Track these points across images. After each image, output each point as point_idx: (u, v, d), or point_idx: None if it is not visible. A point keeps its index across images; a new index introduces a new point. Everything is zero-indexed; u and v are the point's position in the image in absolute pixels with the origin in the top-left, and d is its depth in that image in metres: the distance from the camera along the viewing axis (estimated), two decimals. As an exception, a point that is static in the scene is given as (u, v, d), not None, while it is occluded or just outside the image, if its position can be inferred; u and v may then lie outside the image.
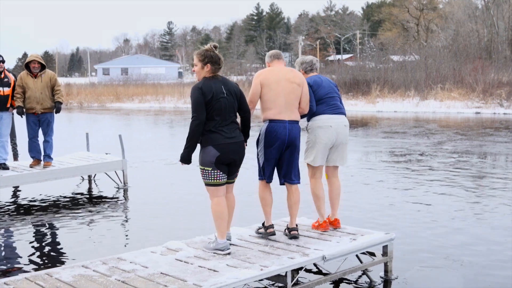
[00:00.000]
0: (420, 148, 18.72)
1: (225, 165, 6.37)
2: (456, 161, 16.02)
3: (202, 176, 6.40)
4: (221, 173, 6.33)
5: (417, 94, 38.48)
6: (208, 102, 6.20)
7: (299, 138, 6.99)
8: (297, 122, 6.95)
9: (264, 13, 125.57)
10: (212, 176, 6.33)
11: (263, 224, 7.15)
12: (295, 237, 7.00)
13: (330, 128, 7.19)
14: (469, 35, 56.99)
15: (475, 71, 39.18)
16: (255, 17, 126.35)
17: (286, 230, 7.14)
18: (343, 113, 7.36)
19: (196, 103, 6.20)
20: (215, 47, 6.49)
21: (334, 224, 7.36)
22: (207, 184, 6.40)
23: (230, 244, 6.73)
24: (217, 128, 6.25)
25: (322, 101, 7.26)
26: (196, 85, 6.31)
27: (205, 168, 6.32)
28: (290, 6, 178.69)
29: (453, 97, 36.64)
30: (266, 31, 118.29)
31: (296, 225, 7.14)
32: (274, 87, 6.83)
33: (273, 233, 6.98)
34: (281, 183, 7.10)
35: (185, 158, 6.32)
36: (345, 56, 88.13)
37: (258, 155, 7.02)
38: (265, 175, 6.95)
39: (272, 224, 7.05)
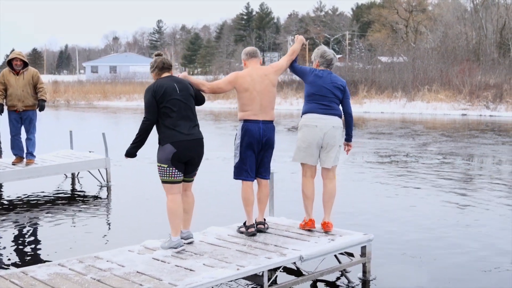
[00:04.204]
0: (405, 149, 18.77)
1: (182, 163, 6.46)
2: (440, 162, 16.07)
3: (159, 173, 6.50)
4: (176, 171, 6.43)
5: (404, 95, 38.61)
6: (161, 99, 6.37)
7: (274, 137, 7.18)
8: (271, 122, 7.13)
9: (254, 13, 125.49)
10: (168, 173, 6.43)
11: (244, 223, 7.25)
12: (261, 231, 7.19)
13: (316, 128, 7.14)
14: (458, 37, 57.18)
15: (462, 73, 39.32)
16: (245, 17, 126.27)
17: (254, 224, 7.28)
18: (335, 114, 7.22)
19: (148, 104, 6.43)
20: (158, 54, 6.74)
21: (323, 227, 7.28)
22: (163, 182, 6.51)
23: (208, 244, 6.75)
24: (174, 125, 6.39)
25: (312, 99, 7.22)
26: (148, 86, 6.52)
27: (162, 165, 6.44)
28: (280, 6, 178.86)
29: (440, 98, 36.77)
30: (255, 30, 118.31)
31: (264, 219, 7.34)
32: (250, 92, 7.01)
33: (254, 233, 7.08)
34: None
35: (131, 153, 6.60)
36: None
37: (235, 155, 7.18)
38: (244, 173, 7.10)
39: (253, 224, 7.16)
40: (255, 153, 7.09)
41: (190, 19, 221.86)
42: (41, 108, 11.73)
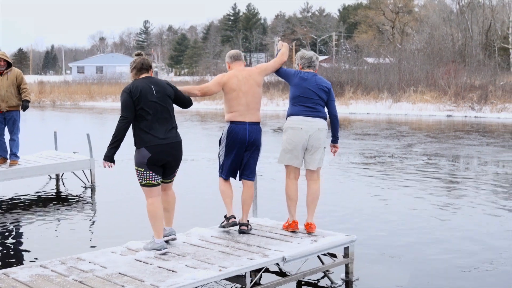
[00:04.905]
0: (390, 150, 18.83)
1: (159, 166, 6.46)
2: (424, 163, 16.13)
3: (137, 176, 6.52)
4: (153, 174, 6.42)
5: (390, 96, 38.69)
6: (137, 101, 6.32)
7: (260, 138, 7.27)
8: (257, 123, 7.24)
9: (241, 14, 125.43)
10: (145, 176, 6.43)
11: (225, 216, 7.40)
12: (243, 232, 7.26)
13: (301, 130, 7.18)
14: (444, 39, 57.41)
15: (448, 75, 39.48)
16: (232, 17, 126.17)
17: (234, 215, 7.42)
18: (320, 116, 7.28)
19: (124, 103, 6.34)
20: (138, 54, 6.68)
21: (306, 228, 7.32)
22: (141, 185, 6.52)
23: (191, 245, 6.76)
24: (149, 128, 6.35)
25: (297, 101, 7.27)
26: (125, 87, 6.48)
27: (139, 169, 6.46)
28: (266, 7, 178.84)
29: (426, 99, 36.91)
30: (242, 31, 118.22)
31: (248, 221, 7.39)
32: (236, 93, 7.13)
33: (235, 223, 7.28)
34: (239, 179, 7.43)
35: (109, 156, 6.36)
36: (321, 58, 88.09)
37: (219, 153, 7.32)
38: (223, 172, 7.29)
39: (233, 215, 7.31)
40: (239, 154, 7.18)
41: (177, 19, 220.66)
42: (25, 109, 11.69)
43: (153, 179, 6.44)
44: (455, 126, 27.75)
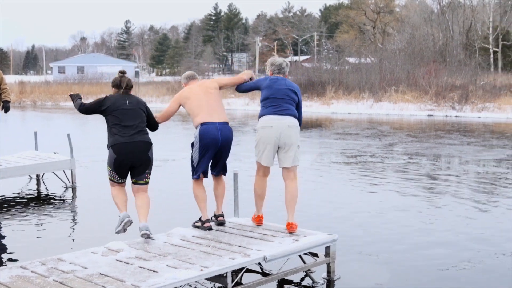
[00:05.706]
0: (371, 150, 18.90)
1: (125, 170, 7.05)
2: (405, 162, 16.21)
3: (107, 171, 7.15)
4: (117, 176, 7.07)
5: (371, 96, 38.82)
6: (108, 109, 6.99)
7: (232, 137, 7.50)
8: (227, 123, 7.48)
9: (222, 13, 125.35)
10: (111, 175, 7.15)
11: (200, 218, 7.57)
12: (221, 224, 7.56)
13: (271, 128, 7.30)
14: (424, 39, 57.69)
15: (429, 74, 39.68)
16: (213, 17, 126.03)
17: (213, 217, 7.69)
18: (290, 114, 7.37)
19: (96, 100, 7.22)
20: (122, 72, 7.28)
21: (287, 227, 7.32)
22: (109, 179, 7.16)
23: (172, 245, 6.78)
24: (118, 130, 6.92)
25: (268, 101, 7.41)
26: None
27: (108, 167, 7.10)
28: (248, 7, 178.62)
29: (407, 99, 37.07)
30: (224, 31, 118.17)
31: (222, 213, 7.68)
32: (194, 98, 7.48)
33: (210, 228, 7.42)
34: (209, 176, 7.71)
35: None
36: (303, 58, 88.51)
37: (192, 156, 7.53)
38: (198, 172, 7.52)
39: (209, 219, 7.52)
40: (212, 154, 7.41)
41: (158, 19, 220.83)
42: (6, 110, 11.62)
43: (117, 179, 7.13)
44: (436, 126, 27.91)
